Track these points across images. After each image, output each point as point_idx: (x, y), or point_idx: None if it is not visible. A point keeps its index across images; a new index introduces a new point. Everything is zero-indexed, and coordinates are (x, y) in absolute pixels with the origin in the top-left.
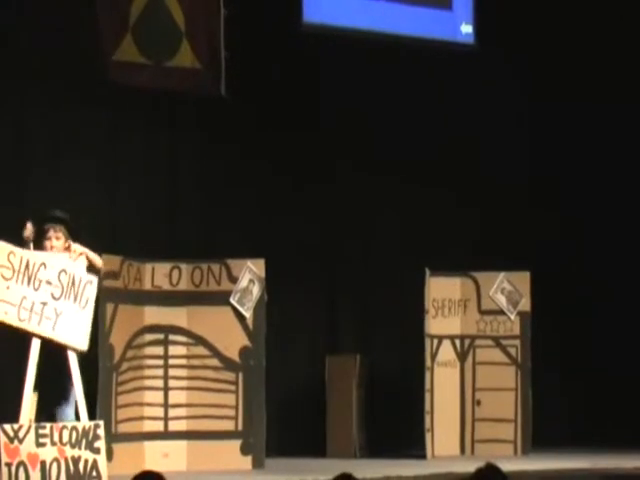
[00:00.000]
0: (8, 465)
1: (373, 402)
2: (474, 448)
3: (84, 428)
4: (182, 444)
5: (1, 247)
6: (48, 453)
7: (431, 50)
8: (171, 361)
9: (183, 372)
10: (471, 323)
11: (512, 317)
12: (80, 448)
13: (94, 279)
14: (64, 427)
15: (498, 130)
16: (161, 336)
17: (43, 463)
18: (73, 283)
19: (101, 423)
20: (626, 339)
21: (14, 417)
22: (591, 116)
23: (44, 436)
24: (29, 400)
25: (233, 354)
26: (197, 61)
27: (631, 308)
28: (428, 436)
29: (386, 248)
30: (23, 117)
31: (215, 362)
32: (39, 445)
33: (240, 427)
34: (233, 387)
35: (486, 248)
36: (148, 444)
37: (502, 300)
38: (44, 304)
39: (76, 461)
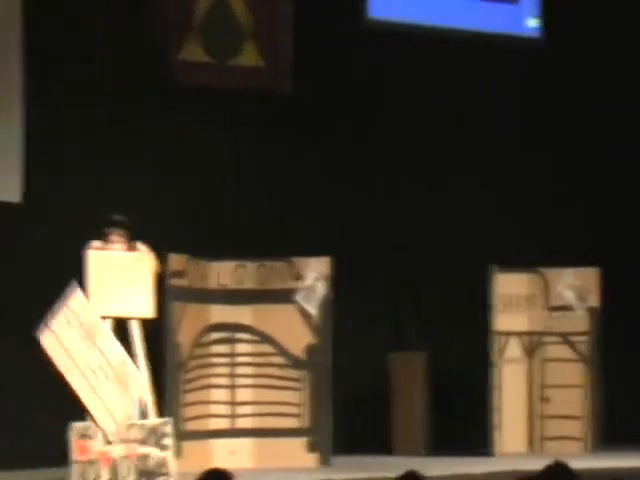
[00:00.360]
0: (79, 462)
1: (439, 399)
2: (542, 445)
3: (153, 426)
4: (248, 442)
5: (82, 300)
6: (118, 451)
7: (497, 45)
8: (237, 359)
9: (249, 370)
10: (539, 319)
11: (580, 313)
12: (149, 445)
13: (138, 371)
14: (132, 425)
15: (566, 124)
16: (227, 334)
17: (113, 460)
18: (119, 366)
19: (169, 421)
20: None
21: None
22: None
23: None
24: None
25: (299, 352)
26: (261, 59)
27: None
28: (495, 433)
29: (453, 244)
30: (88, 116)
31: (281, 360)
32: (109, 443)
33: (306, 425)
34: (299, 385)
35: (554, 243)
36: (215, 442)
37: (570, 296)
38: (93, 371)
39: (145, 458)
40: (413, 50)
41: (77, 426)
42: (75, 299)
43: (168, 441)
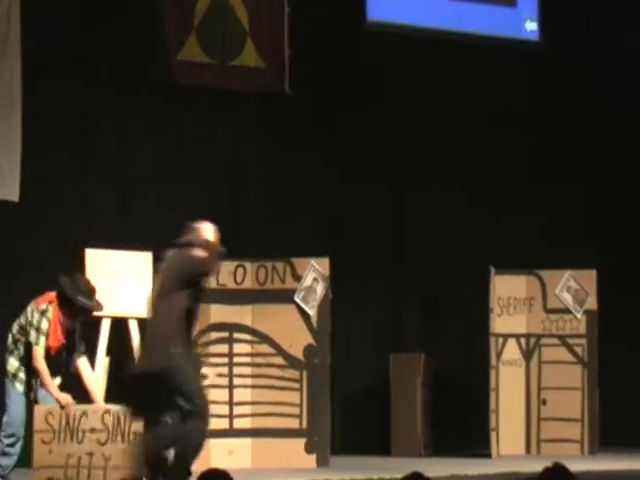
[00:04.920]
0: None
1: (438, 401)
2: (540, 448)
3: None
4: (247, 442)
5: (38, 410)
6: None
7: (495, 48)
8: (236, 359)
9: (248, 370)
10: (537, 322)
11: (578, 316)
12: None
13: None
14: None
15: (564, 126)
16: (226, 334)
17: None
18: (118, 422)
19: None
20: None
21: None
22: None
23: None
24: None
25: (297, 352)
26: (261, 60)
27: None
28: (493, 435)
29: (451, 246)
30: (85, 116)
31: (279, 360)
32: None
33: (305, 425)
34: (297, 385)
35: (552, 246)
36: (213, 441)
37: (568, 298)
38: (91, 454)
39: None
40: (411, 53)
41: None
42: None
43: None
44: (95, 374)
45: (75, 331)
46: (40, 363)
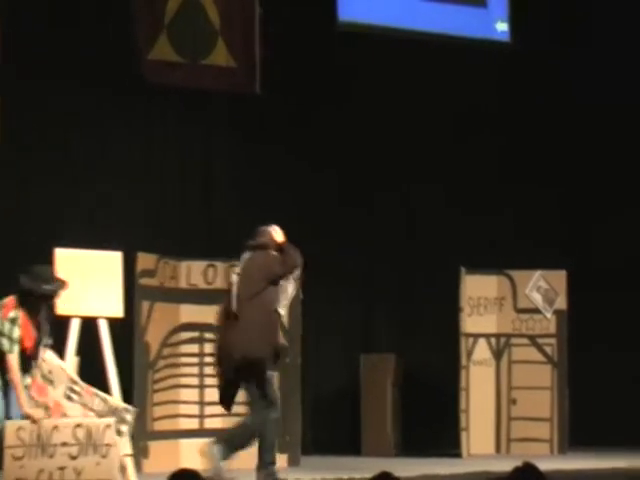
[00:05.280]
0: (33, 399)
1: (408, 401)
2: (510, 447)
3: (115, 406)
4: None
5: (9, 425)
6: (73, 410)
7: (466, 48)
8: (207, 359)
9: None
10: (507, 321)
11: (548, 316)
12: None
13: (112, 421)
14: (96, 394)
15: (535, 126)
16: (197, 334)
17: (63, 416)
18: (90, 435)
19: (133, 410)
20: None
21: None
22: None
23: (75, 392)
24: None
25: None
26: (232, 59)
27: None
28: (463, 435)
29: (422, 246)
30: (60, 119)
31: None
32: (67, 398)
33: None
34: None
35: (523, 246)
36: (184, 442)
37: (538, 298)
38: (62, 469)
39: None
40: (383, 53)
41: (44, 367)
42: None
43: (124, 428)
44: (65, 364)
45: (44, 322)
46: (16, 375)
